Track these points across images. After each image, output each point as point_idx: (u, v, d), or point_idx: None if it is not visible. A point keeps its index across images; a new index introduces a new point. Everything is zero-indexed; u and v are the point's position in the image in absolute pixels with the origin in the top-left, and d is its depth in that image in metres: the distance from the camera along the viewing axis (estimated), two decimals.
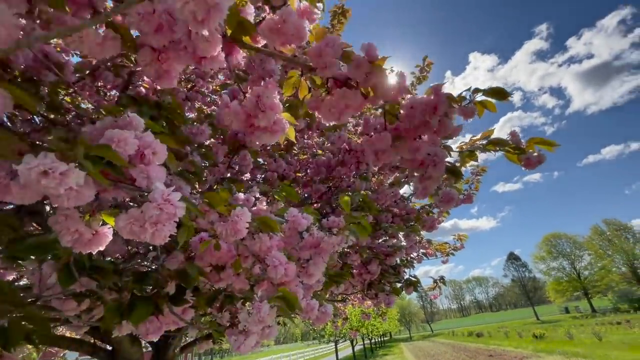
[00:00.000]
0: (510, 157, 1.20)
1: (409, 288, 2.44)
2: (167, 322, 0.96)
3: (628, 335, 14.88)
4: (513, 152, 1.19)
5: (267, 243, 0.99)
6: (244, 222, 0.83)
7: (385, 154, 1.05)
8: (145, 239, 0.63)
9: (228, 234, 0.82)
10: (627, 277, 35.57)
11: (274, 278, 1.00)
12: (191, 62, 0.76)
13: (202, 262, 1.08)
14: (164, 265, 1.00)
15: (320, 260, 1.10)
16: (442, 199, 1.19)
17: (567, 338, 16.14)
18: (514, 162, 1.21)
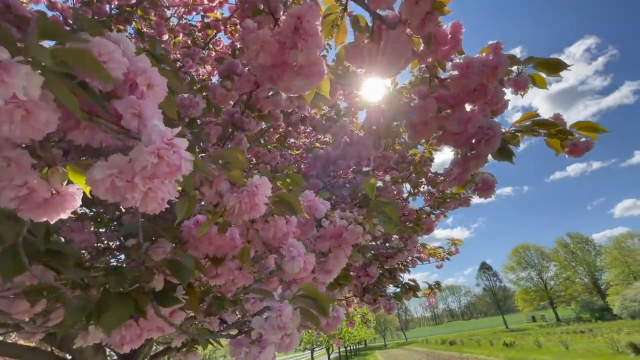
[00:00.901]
0: (552, 143, 1.07)
1: (408, 293, 2.29)
2: (149, 327, 0.73)
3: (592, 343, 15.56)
4: (557, 136, 1.06)
5: (283, 228, 0.79)
6: (264, 194, 0.63)
7: (427, 126, 0.88)
8: (132, 201, 0.42)
9: (242, 209, 0.62)
10: (589, 287, 37.61)
11: (289, 273, 0.80)
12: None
13: (197, 252, 0.87)
14: (148, 254, 0.78)
15: (341, 253, 0.91)
16: (481, 186, 1.04)
17: (535, 346, 16.67)
18: (555, 149, 1.07)
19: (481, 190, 1.07)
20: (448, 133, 0.90)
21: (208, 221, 0.65)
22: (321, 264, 0.92)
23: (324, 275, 0.92)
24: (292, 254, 0.78)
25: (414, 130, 0.89)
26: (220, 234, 0.84)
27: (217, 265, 0.89)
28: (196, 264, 0.77)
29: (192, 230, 0.85)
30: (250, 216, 0.64)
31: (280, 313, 0.60)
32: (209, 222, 0.65)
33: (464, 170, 0.98)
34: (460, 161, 0.95)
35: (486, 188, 1.06)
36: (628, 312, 27.64)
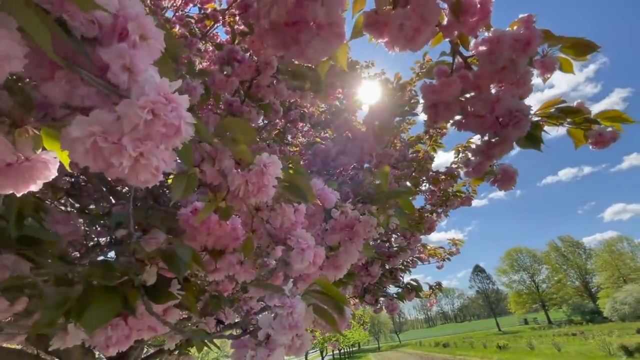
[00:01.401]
0: (575, 134, 1.00)
1: (410, 293, 2.22)
2: (139, 327, 0.64)
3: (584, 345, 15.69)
4: (581, 126, 0.99)
5: (291, 217, 0.71)
6: (273, 175, 0.55)
7: (449, 108, 0.81)
8: (118, 170, 0.34)
9: (249, 191, 0.54)
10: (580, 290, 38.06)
11: (297, 267, 0.72)
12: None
13: (194, 243, 0.78)
14: (139, 244, 0.69)
15: (353, 247, 0.83)
16: (501, 177, 0.97)
17: (528, 348, 16.75)
18: (577, 140, 1.01)
19: (501, 182, 1.00)
20: (471, 116, 0.83)
21: (208, 206, 0.57)
22: (330, 259, 0.84)
23: (334, 271, 0.84)
24: (301, 246, 0.70)
25: (435, 113, 0.82)
26: (220, 224, 0.75)
27: (217, 258, 0.80)
28: (194, 257, 0.68)
29: (190, 219, 0.77)
30: (257, 200, 0.56)
31: (292, 310, 0.52)
32: (209, 207, 0.57)
33: (486, 159, 0.91)
34: (483, 148, 0.88)
35: (507, 179, 0.99)
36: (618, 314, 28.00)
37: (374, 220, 0.82)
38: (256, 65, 1.41)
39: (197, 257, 0.70)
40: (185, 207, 0.78)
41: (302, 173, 0.67)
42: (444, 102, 0.81)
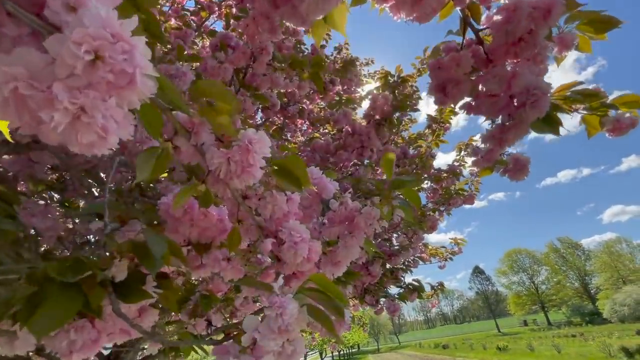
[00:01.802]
0: (590, 121, 0.92)
1: (412, 294, 2.14)
2: (110, 329, 0.56)
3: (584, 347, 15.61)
4: (598, 111, 0.92)
5: (283, 207, 0.63)
6: (260, 154, 0.48)
7: (458, 87, 0.73)
8: (51, 129, 0.26)
9: (231, 171, 0.46)
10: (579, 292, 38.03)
11: (289, 263, 0.64)
12: None
13: (176, 236, 0.70)
14: (110, 236, 0.61)
15: (353, 242, 0.75)
16: (512, 167, 0.89)
17: (528, 350, 16.66)
18: (592, 127, 0.93)
19: (513, 172, 0.92)
20: (483, 97, 0.75)
21: (185, 190, 0.49)
22: (328, 255, 0.76)
23: (332, 268, 0.76)
24: (294, 239, 0.62)
25: (444, 93, 0.74)
26: (205, 214, 0.67)
27: (201, 253, 0.72)
28: (172, 249, 0.60)
29: (171, 208, 0.69)
30: (241, 182, 0.48)
31: (282, 311, 0.44)
32: (186, 191, 0.49)
33: (498, 145, 0.83)
34: (495, 133, 0.80)
35: (519, 168, 0.92)
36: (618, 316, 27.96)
37: (377, 212, 0.74)
38: (251, 51, 1.33)
39: (177, 250, 0.62)
40: (167, 195, 0.70)
41: (296, 157, 0.59)
42: (453, 80, 0.73)
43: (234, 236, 0.61)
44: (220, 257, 0.69)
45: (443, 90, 0.75)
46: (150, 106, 0.39)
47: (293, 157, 0.58)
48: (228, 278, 0.69)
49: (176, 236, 0.71)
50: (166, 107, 0.41)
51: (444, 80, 0.73)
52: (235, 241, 0.61)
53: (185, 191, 0.50)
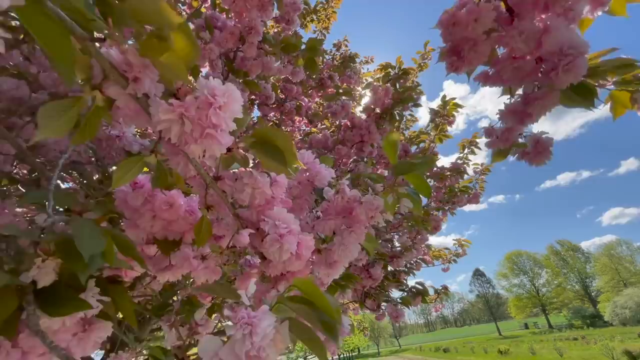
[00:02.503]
0: (619, 97, 0.80)
1: (416, 298, 2.00)
2: (39, 350, 0.43)
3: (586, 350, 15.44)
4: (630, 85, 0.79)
5: (265, 191, 0.50)
6: (229, 112, 0.35)
7: (476, 48, 0.61)
8: None
9: (187, 133, 0.33)
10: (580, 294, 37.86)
11: (274, 261, 0.52)
12: None
13: (137, 230, 0.57)
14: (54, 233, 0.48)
15: (352, 238, 0.62)
16: (533, 149, 0.77)
17: (530, 354, 16.47)
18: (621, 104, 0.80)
19: (533, 155, 0.79)
20: (504, 61, 0.63)
21: (126, 164, 0.36)
22: (323, 254, 0.63)
23: (326, 269, 0.63)
24: (279, 230, 0.49)
25: (458, 56, 0.61)
26: (170, 204, 0.54)
27: (168, 252, 0.59)
28: (122, 246, 0.47)
29: (128, 197, 0.56)
30: (202, 150, 0.35)
31: (252, 330, 0.31)
32: (127, 165, 0.36)
33: (518, 122, 0.71)
34: (517, 106, 0.68)
35: (539, 151, 0.79)
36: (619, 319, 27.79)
37: (380, 202, 0.61)
38: (239, 31, 1.21)
39: (128, 248, 0.48)
40: None
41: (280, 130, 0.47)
42: (471, 40, 0.61)
43: (201, 227, 0.48)
44: (190, 254, 0.56)
45: (458, 53, 0.63)
46: (55, 27, 0.26)
47: (276, 129, 0.46)
48: (201, 280, 0.56)
49: (136, 232, 0.58)
50: (84, 34, 0.28)
51: (459, 41, 0.61)
52: (203, 234, 0.49)
53: (128, 165, 0.37)
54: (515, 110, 0.69)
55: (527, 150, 0.81)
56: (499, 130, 0.78)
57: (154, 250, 0.68)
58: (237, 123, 0.39)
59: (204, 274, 0.56)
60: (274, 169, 0.52)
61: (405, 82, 2.07)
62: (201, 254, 0.60)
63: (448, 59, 0.64)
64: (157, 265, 0.63)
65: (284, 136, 0.45)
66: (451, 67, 0.63)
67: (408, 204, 0.65)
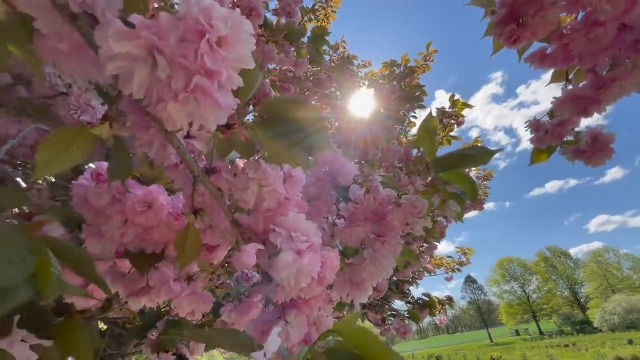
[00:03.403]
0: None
1: (423, 311, 1.86)
2: None
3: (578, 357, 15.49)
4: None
5: (278, 188, 0.36)
6: (235, 55, 0.21)
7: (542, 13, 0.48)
8: None
9: (162, 80, 0.19)
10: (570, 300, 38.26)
11: (287, 287, 0.37)
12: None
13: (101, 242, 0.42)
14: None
15: (386, 250, 0.48)
16: (590, 146, 0.64)
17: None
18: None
19: (591, 154, 0.67)
20: (576, 32, 0.50)
21: (60, 136, 0.22)
22: (347, 271, 0.49)
23: (352, 290, 0.49)
24: (297, 246, 0.35)
25: (517, 24, 0.48)
26: (149, 204, 0.39)
27: (144, 269, 0.44)
28: (75, 264, 0.32)
29: (90, 193, 0.41)
30: (186, 115, 0.21)
31: None
32: (63, 137, 0.22)
33: (582, 110, 0.58)
34: (586, 90, 0.55)
35: (599, 149, 0.66)
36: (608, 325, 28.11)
37: (424, 204, 0.47)
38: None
39: (85, 265, 0.33)
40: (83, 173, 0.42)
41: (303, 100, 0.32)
42: (536, 4, 0.48)
43: (185, 240, 0.33)
44: (169, 276, 0.41)
45: (515, 19, 0.50)
46: None
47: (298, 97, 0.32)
48: (185, 312, 0.41)
49: (101, 242, 0.43)
50: None
51: (520, 4, 0.48)
52: (189, 249, 0.34)
53: (62, 140, 0.22)
54: (579, 96, 0.56)
55: (581, 148, 0.68)
56: (549, 124, 0.65)
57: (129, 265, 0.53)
58: (245, 81, 0.25)
59: (189, 303, 0.41)
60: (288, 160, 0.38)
61: (411, 80, 1.96)
62: (186, 274, 0.45)
63: (503, 29, 0.51)
64: (131, 286, 0.47)
65: (310, 109, 0.31)
66: (509, 39, 0.50)
67: (455, 207, 0.51)
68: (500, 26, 0.52)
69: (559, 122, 0.65)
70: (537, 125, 0.70)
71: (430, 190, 0.50)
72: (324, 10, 3.28)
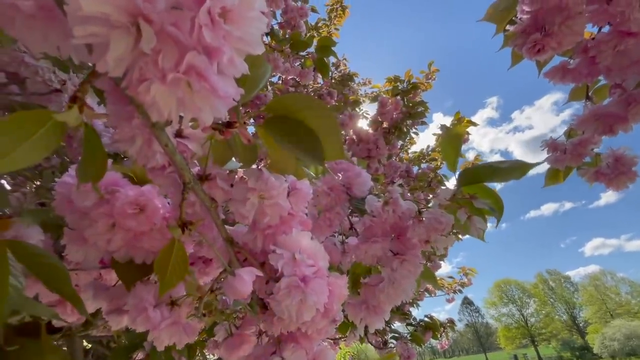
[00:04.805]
0: None
1: (426, 334, 1.77)
2: None
3: None
4: None
5: (280, 202, 0.31)
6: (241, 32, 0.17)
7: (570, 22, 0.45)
8: None
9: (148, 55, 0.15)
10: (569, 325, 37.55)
11: (288, 318, 0.31)
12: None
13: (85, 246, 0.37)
14: None
15: (405, 270, 0.43)
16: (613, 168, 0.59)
17: None
18: None
19: (613, 177, 0.63)
20: (605, 44, 0.47)
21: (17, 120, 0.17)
22: (363, 293, 0.43)
23: (367, 315, 0.43)
24: (301, 271, 0.30)
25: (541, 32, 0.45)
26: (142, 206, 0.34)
27: (131, 283, 0.38)
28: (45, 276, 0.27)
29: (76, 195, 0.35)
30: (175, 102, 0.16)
31: None
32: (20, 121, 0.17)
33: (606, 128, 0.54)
34: (610, 107, 0.51)
35: (622, 171, 0.62)
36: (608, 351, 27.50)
37: (450, 219, 0.42)
38: None
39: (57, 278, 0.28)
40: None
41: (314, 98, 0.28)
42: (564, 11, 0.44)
43: (169, 258, 0.28)
44: (147, 300, 0.35)
45: (539, 29, 0.46)
46: None
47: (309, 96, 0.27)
48: (164, 344, 0.35)
49: (83, 249, 0.37)
50: None
51: (546, 11, 0.45)
52: (173, 269, 0.28)
53: (19, 125, 0.17)
54: (604, 114, 0.52)
55: (602, 171, 0.64)
56: (568, 144, 0.61)
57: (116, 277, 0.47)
58: (252, 71, 0.20)
59: (170, 335, 0.34)
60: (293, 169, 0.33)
61: (415, 96, 1.95)
62: (169, 297, 0.39)
63: (525, 39, 0.48)
64: (115, 301, 0.42)
65: (322, 109, 0.26)
66: (532, 49, 0.47)
67: (481, 224, 0.46)
68: (523, 36, 0.49)
69: (579, 141, 0.61)
70: (554, 145, 0.66)
71: (453, 205, 0.46)
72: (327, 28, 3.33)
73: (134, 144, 0.22)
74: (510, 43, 0.53)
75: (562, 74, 0.55)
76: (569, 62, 0.55)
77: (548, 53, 0.49)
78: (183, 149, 0.27)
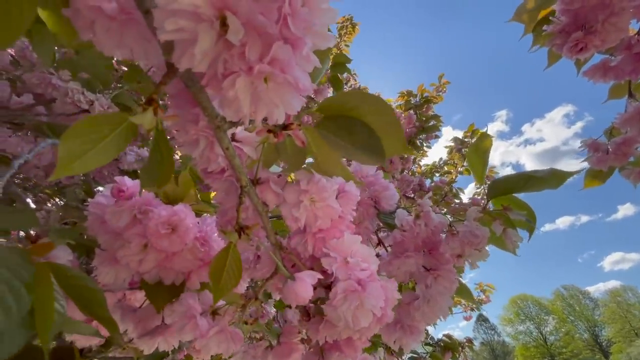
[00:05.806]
0: None
1: (446, 354, 1.69)
2: None
3: None
4: None
5: (332, 204, 0.30)
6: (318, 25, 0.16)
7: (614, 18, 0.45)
8: None
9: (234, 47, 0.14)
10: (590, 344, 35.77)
11: (343, 324, 0.30)
12: None
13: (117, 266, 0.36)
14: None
15: (441, 287, 0.41)
16: None
17: None
18: None
19: None
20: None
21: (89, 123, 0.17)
22: (399, 312, 0.41)
23: (402, 335, 0.41)
24: (356, 275, 0.29)
25: (583, 30, 0.45)
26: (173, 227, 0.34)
27: (161, 305, 0.38)
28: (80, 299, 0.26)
29: (108, 212, 0.35)
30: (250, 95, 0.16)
31: None
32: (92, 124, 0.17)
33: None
34: None
35: None
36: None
37: (485, 232, 0.41)
38: None
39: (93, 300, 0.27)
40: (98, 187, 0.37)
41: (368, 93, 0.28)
42: (607, 8, 0.44)
43: (224, 266, 0.27)
44: (196, 309, 0.34)
45: (580, 27, 0.46)
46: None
47: (362, 92, 0.27)
48: (212, 352, 0.34)
49: (115, 269, 0.37)
50: None
51: (589, 9, 0.44)
52: (228, 278, 0.27)
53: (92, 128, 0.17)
54: None
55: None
56: (611, 143, 0.59)
57: (141, 298, 0.47)
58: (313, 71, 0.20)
59: (218, 343, 0.33)
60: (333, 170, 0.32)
61: (427, 110, 1.95)
62: (211, 307, 0.38)
63: (565, 38, 0.47)
64: (143, 323, 0.40)
65: (379, 104, 0.26)
66: (574, 48, 0.46)
67: (516, 237, 0.44)
68: (562, 35, 0.49)
69: (623, 140, 0.59)
70: (595, 145, 0.64)
71: (487, 218, 0.44)
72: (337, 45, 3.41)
73: (198, 146, 0.22)
74: (547, 43, 0.53)
75: (603, 72, 0.54)
76: (610, 60, 0.55)
77: (590, 51, 0.49)
78: (239, 152, 0.27)
